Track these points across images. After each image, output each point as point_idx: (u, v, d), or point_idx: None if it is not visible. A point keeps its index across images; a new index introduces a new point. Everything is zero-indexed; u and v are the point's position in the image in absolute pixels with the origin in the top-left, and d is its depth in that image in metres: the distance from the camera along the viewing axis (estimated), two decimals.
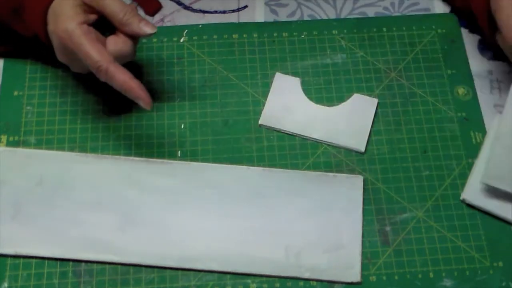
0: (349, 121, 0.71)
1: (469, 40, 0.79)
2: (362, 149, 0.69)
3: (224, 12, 0.80)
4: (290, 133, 0.70)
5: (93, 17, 0.62)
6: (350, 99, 0.72)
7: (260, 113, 0.72)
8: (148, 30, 0.62)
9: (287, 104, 0.72)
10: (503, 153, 0.66)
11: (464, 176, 0.69)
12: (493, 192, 0.67)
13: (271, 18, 0.79)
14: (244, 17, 0.79)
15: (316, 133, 0.70)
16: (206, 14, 0.79)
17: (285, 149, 0.70)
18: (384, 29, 0.78)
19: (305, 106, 0.72)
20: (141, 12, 0.79)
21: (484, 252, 0.65)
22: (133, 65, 0.74)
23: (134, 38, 0.64)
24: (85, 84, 0.73)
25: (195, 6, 0.80)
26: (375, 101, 0.72)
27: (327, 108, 0.72)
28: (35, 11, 0.62)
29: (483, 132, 0.72)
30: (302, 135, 0.70)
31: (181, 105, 0.73)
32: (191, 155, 0.70)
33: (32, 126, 0.71)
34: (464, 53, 0.77)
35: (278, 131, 0.70)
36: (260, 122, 0.71)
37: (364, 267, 0.64)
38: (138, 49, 0.76)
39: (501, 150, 0.66)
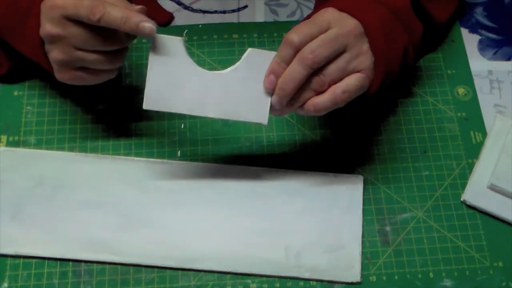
0: (247, 86, 0.59)
1: (469, 40, 0.79)
2: (265, 121, 0.60)
3: (224, 12, 0.80)
4: (182, 113, 0.60)
5: None
6: (245, 55, 0.59)
7: None
8: (146, 30, 0.57)
9: (173, 77, 0.59)
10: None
11: (464, 176, 0.69)
12: (494, 193, 0.67)
13: (271, 18, 0.79)
14: (244, 17, 0.79)
15: (211, 110, 0.60)
16: (206, 14, 0.79)
17: (285, 149, 0.70)
18: None
19: (194, 75, 0.59)
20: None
21: (484, 252, 0.65)
22: (133, 65, 0.74)
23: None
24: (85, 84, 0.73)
25: (195, 6, 0.80)
26: (272, 54, 0.59)
27: (219, 74, 0.60)
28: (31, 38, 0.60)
29: (483, 132, 0.72)
30: (196, 115, 0.60)
31: None
32: (191, 155, 0.70)
33: (32, 126, 0.71)
34: (464, 53, 0.77)
35: (168, 113, 0.60)
36: (144, 106, 0.59)
37: (364, 267, 0.64)
38: (138, 49, 0.76)
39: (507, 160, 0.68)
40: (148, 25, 0.56)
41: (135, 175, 0.68)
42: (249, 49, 0.59)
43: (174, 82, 0.59)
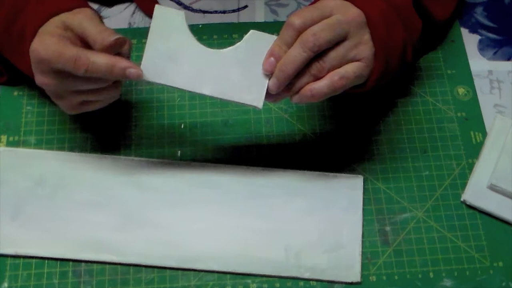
0: (245, 67, 0.59)
1: (469, 40, 0.79)
2: (260, 105, 0.59)
3: (224, 12, 0.80)
4: (177, 88, 0.59)
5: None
6: (246, 36, 0.59)
7: (260, 112, 0.72)
8: (133, 75, 0.57)
9: (172, 50, 0.58)
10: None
11: (464, 176, 0.69)
12: (494, 193, 0.67)
13: (271, 18, 0.79)
14: (244, 17, 0.79)
15: (206, 87, 0.58)
16: (206, 14, 0.79)
17: (285, 149, 0.70)
18: None
19: (193, 51, 0.59)
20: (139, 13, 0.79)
21: (484, 252, 0.65)
22: None
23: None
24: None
25: (195, 6, 0.80)
26: (273, 37, 0.59)
27: (219, 52, 0.59)
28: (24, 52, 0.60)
29: (483, 132, 0.72)
30: (191, 91, 0.59)
31: (181, 105, 0.73)
32: (191, 155, 0.70)
33: (32, 126, 0.71)
34: (464, 53, 0.77)
35: (162, 86, 0.59)
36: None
37: (364, 267, 0.64)
38: (138, 49, 0.76)
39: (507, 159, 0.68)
40: (134, 70, 0.56)
41: (135, 175, 0.68)
42: (251, 31, 0.59)
43: (173, 55, 0.58)
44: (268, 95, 0.59)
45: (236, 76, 0.59)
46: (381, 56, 0.60)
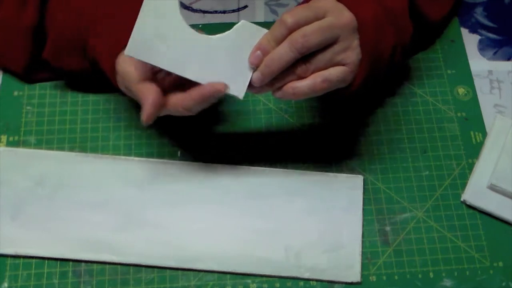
0: (232, 56, 0.58)
1: (469, 40, 0.79)
2: (241, 95, 0.59)
3: (224, 12, 0.80)
4: (160, 68, 0.59)
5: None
6: (236, 26, 0.59)
7: (260, 112, 0.72)
8: (222, 91, 0.58)
9: (160, 30, 0.58)
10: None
11: (464, 176, 0.69)
12: (494, 193, 0.67)
13: (271, 18, 0.79)
14: (244, 17, 0.79)
15: (190, 71, 0.58)
16: (206, 14, 0.80)
17: (285, 149, 0.70)
18: None
19: (181, 33, 0.58)
20: None
21: (484, 252, 0.65)
22: None
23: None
24: (85, 84, 0.73)
25: (195, 6, 0.80)
26: (263, 31, 0.58)
27: (207, 38, 0.59)
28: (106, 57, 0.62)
29: (483, 132, 0.72)
30: (174, 72, 0.59)
31: None
32: (191, 155, 0.70)
33: (32, 126, 0.71)
34: (464, 53, 0.77)
35: (149, 63, 0.58)
36: (126, 52, 0.58)
37: (364, 267, 0.64)
38: None
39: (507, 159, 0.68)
40: (220, 91, 0.57)
41: (135, 175, 0.68)
42: (242, 21, 0.59)
43: (162, 36, 0.58)
44: (251, 86, 0.59)
45: (221, 64, 0.59)
46: (367, 61, 0.60)
